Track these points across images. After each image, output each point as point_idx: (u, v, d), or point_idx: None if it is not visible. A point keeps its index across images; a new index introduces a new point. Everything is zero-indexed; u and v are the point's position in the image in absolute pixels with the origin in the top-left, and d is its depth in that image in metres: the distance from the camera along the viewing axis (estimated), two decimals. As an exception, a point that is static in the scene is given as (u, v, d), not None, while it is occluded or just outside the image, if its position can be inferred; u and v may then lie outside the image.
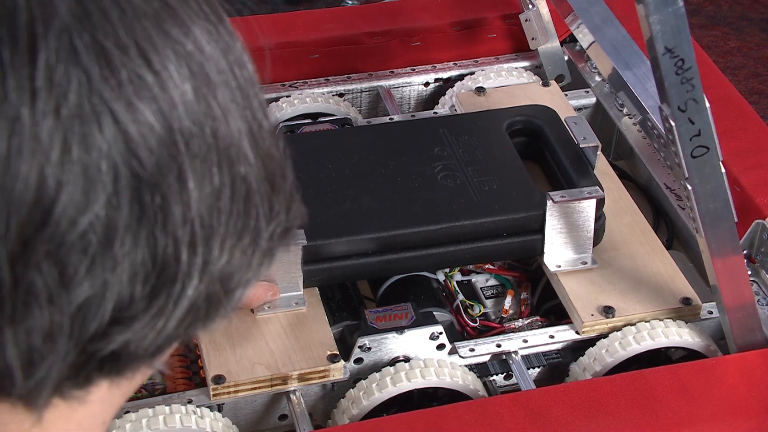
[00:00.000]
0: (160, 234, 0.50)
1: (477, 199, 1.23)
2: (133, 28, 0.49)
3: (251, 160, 0.53)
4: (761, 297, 1.28)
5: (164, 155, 0.49)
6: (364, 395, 1.12)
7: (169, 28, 0.50)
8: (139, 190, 0.49)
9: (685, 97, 1.02)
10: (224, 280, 0.54)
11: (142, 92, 0.49)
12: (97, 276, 0.49)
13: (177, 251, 0.51)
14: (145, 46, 0.49)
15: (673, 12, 0.97)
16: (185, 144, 0.50)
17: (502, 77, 1.56)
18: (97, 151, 0.48)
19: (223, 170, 0.52)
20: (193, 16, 0.52)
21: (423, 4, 1.65)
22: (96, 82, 0.48)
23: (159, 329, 0.52)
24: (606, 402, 1.09)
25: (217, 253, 0.52)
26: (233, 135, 0.52)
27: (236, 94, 0.53)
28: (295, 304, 1.18)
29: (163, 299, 0.51)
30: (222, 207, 0.52)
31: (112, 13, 0.49)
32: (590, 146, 1.29)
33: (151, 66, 0.49)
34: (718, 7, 3.00)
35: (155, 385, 1.17)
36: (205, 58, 0.51)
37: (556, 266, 1.24)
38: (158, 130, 0.49)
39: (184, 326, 0.53)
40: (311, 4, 2.92)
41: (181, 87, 0.50)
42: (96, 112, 0.48)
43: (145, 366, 0.56)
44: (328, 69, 1.58)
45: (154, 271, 0.50)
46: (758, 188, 1.33)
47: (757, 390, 1.12)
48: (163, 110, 0.49)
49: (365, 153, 1.29)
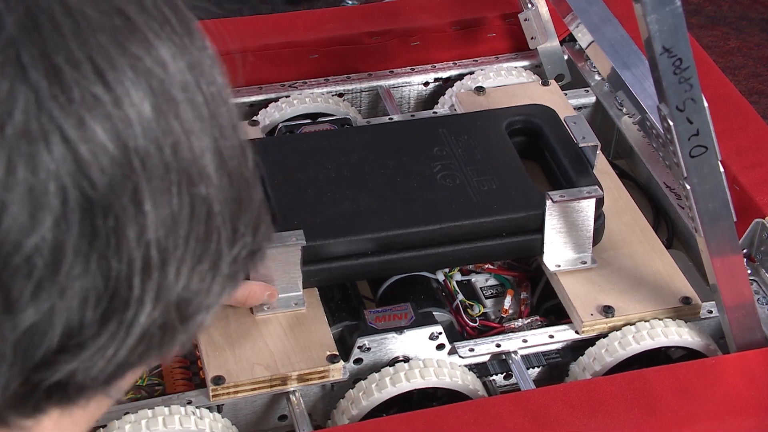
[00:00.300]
0: (113, 257, 0.48)
1: (476, 198, 1.23)
2: (88, 42, 0.47)
3: (214, 181, 0.51)
4: (761, 296, 1.28)
5: (118, 176, 0.47)
6: (364, 395, 1.12)
7: (127, 43, 0.48)
8: (90, 212, 0.47)
9: (683, 97, 1.02)
10: (181, 306, 0.51)
11: (94, 110, 0.47)
12: (43, 301, 0.47)
13: (130, 276, 0.48)
14: (99, 62, 0.47)
15: (671, 11, 0.97)
16: (141, 164, 0.48)
17: (502, 77, 1.56)
18: (45, 172, 0.45)
19: (183, 191, 0.49)
20: (158, 31, 0.49)
21: (422, 3, 1.65)
22: (44, 99, 0.45)
23: (109, 357, 0.50)
24: (606, 402, 1.09)
25: (173, 278, 0.50)
26: (196, 154, 0.50)
27: (202, 111, 0.51)
28: (294, 304, 1.18)
29: (114, 326, 0.49)
30: (180, 229, 0.50)
31: (65, 26, 0.47)
32: (590, 145, 1.29)
33: (105, 83, 0.47)
34: (718, 7, 3.00)
35: (154, 385, 1.17)
36: (168, 75, 0.49)
37: (555, 266, 1.24)
38: (111, 150, 0.47)
39: (137, 354, 0.51)
40: (311, 4, 2.92)
41: (138, 105, 0.48)
42: (44, 131, 0.45)
43: (99, 395, 0.53)
44: (327, 69, 1.58)
45: (105, 296, 0.48)
46: (758, 187, 1.33)
47: (757, 389, 1.12)
48: (117, 129, 0.47)
49: (365, 153, 1.29)
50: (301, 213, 1.20)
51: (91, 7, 0.48)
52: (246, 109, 1.54)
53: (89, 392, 0.52)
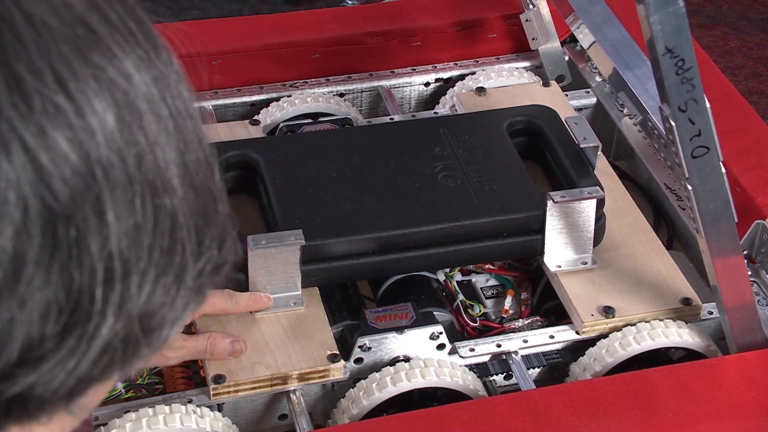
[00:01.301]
0: (75, 269, 0.47)
1: (477, 199, 1.23)
2: (49, 52, 0.46)
3: (180, 193, 0.50)
4: (761, 297, 1.28)
5: (80, 186, 0.46)
6: (364, 395, 1.12)
7: (90, 53, 0.47)
8: (51, 222, 0.46)
9: (685, 98, 1.02)
10: (144, 319, 0.50)
11: (56, 119, 0.46)
12: (2, 312, 0.46)
13: (92, 287, 0.47)
14: (61, 72, 0.46)
15: (674, 12, 0.97)
16: (104, 174, 0.47)
17: (503, 77, 1.56)
18: (4, 181, 0.45)
19: (147, 202, 0.49)
20: (122, 44, 0.49)
21: (423, 4, 1.65)
22: (4, 107, 0.45)
23: (69, 370, 0.49)
24: (606, 402, 1.10)
25: (135, 290, 0.49)
26: (160, 166, 0.49)
27: (168, 124, 0.50)
28: (293, 303, 1.18)
29: (75, 338, 0.48)
30: (144, 241, 0.49)
31: (26, 35, 0.46)
32: (590, 146, 1.29)
33: (67, 92, 0.46)
34: (718, 7, 3.00)
35: (155, 384, 1.17)
36: (132, 86, 0.49)
37: (556, 266, 1.24)
38: (73, 160, 0.46)
39: (99, 368, 0.50)
40: (311, 4, 2.92)
41: (101, 115, 0.47)
42: (4, 140, 0.45)
43: (61, 411, 0.51)
44: (328, 69, 1.58)
45: (66, 308, 0.47)
46: (758, 188, 1.33)
47: (757, 390, 1.12)
48: (79, 138, 0.46)
49: (366, 153, 1.29)
50: (302, 212, 1.21)
51: (53, 18, 0.47)
52: (247, 109, 1.54)
53: (50, 407, 0.50)
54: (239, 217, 0.57)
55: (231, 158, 1.27)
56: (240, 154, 1.28)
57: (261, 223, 1.23)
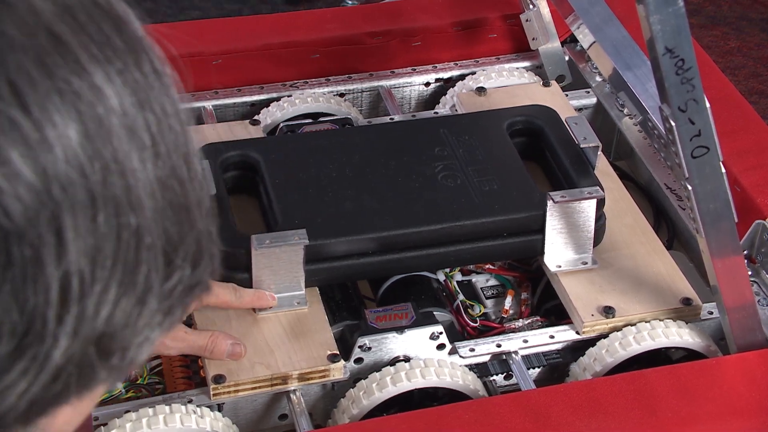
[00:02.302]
0: (29, 289, 0.45)
1: (477, 199, 1.23)
2: (5, 63, 0.44)
3: (148, 211, 0.48)
4: (761, 297, 1.28)
5: (36, 204, 0.44)
6: (365, 395, 1.12)
7: (53, 65, 0.45)
8: (5, 241, 0.44)
9: (685, 98, 1.02)
10: (102, 341, 0.48)
11: (10, 134, 0.44)
12: None
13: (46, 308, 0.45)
14: (19, 84, 0.44)
15: (674, 12, 0.97)
16: (62, 191, 0.45)
17: (503, 77, 1.56)
18: None
19: (110, 221, 0.46)
20: (94, 53, 0.47)
21: (424, 4, 1.65)
22: None
23: (20, 393, 0.46)
24: (606, 402, 1.10)
25: (92, 312, 0.47)
26: (128, 183, 0.47)
27: (143, 137, 0.48)
28: (296, 303, 1.18)
29: (27, 361, 0.46)
30: (104, 261, 0.47)
31: None
32: (591, 146, 1.29)
33: (24, 106, 0.44)
34: (718, 7, 3.00)
35: (155, 384, 1.17)
36: (100, 99, 0.46)
37: (556, 266, 1.24)
38: (27, 176, 0.44)
39: (52, 391, 0.48)
40: (311, 4, 2.92)
41: (61, 129, 0.45)
42: None
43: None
44: (328, 69, 1.58)
45: (19, 329, 0.45)
46: (759, 188, 1.33)
47: (757, 390, 1.12)
48: (36, 155, 0.44)
49: (366, 153, 1.29)
50: (303, 212, 1.21)
51: (13, 26, 0.45)
52: (247, 109, 1.54)
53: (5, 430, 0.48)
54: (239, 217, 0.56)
55: (231, 158, 1.28)
56: (240, 154, 1.28)
57: (261, 223, 1.23)
